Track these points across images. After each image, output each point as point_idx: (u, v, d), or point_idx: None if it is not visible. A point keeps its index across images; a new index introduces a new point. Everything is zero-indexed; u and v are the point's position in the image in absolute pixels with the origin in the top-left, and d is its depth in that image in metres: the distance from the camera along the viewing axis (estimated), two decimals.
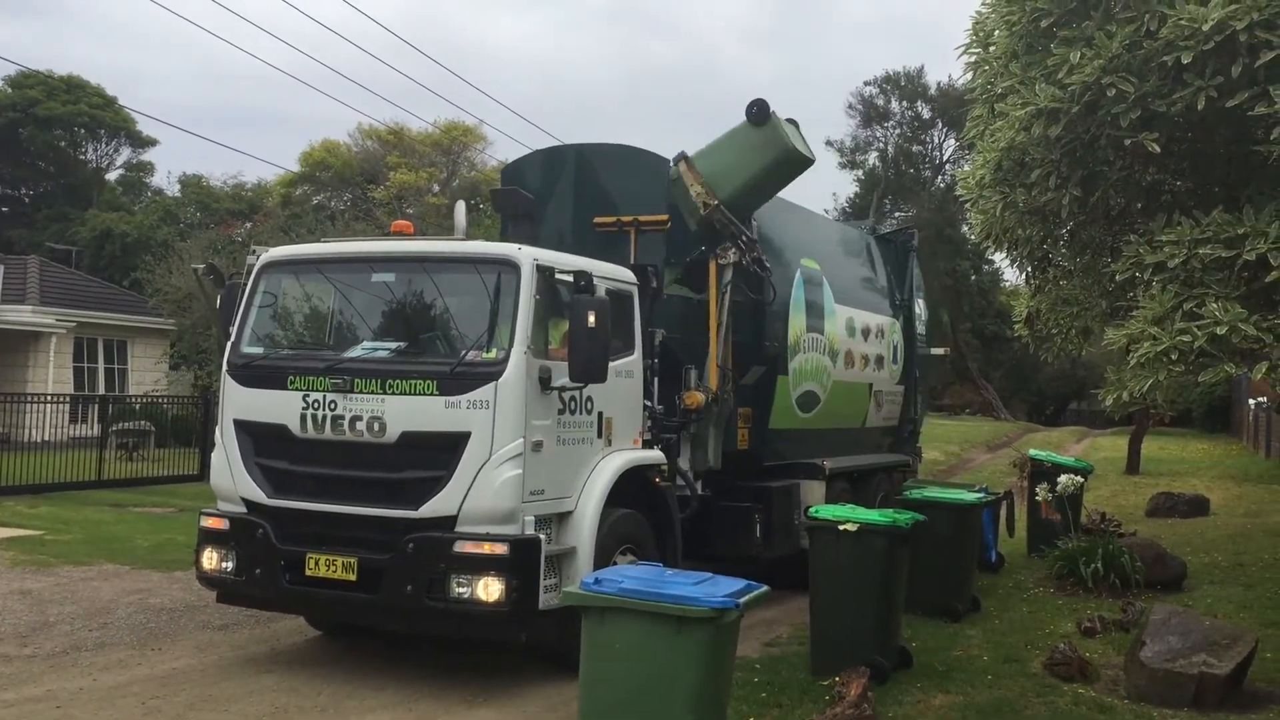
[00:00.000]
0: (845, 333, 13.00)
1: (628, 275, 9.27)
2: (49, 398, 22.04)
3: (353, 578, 7.89)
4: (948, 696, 7.91)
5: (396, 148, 42.56)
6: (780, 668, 8.59)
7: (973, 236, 12.33)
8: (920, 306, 15.71)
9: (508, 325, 7.89)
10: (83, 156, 49.10)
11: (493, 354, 7.86)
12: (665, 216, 10.19)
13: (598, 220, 10.40)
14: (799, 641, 9.40)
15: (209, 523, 8.48)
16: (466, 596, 7.60)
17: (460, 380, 7.81)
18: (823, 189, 60.69)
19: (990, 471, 25.91)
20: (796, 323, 11.75)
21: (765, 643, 9.63)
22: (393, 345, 8.39)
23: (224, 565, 8.37)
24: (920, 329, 15.52)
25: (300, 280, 8.95)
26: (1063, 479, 12.63)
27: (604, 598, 5.50)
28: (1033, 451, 15.75)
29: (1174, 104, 6.92)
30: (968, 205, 8.40)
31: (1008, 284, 57.22)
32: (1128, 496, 21.26)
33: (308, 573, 8.00)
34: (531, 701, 7.81)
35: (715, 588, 5.60)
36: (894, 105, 61.10)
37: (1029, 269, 9.29)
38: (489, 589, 7.57)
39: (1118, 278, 7.57)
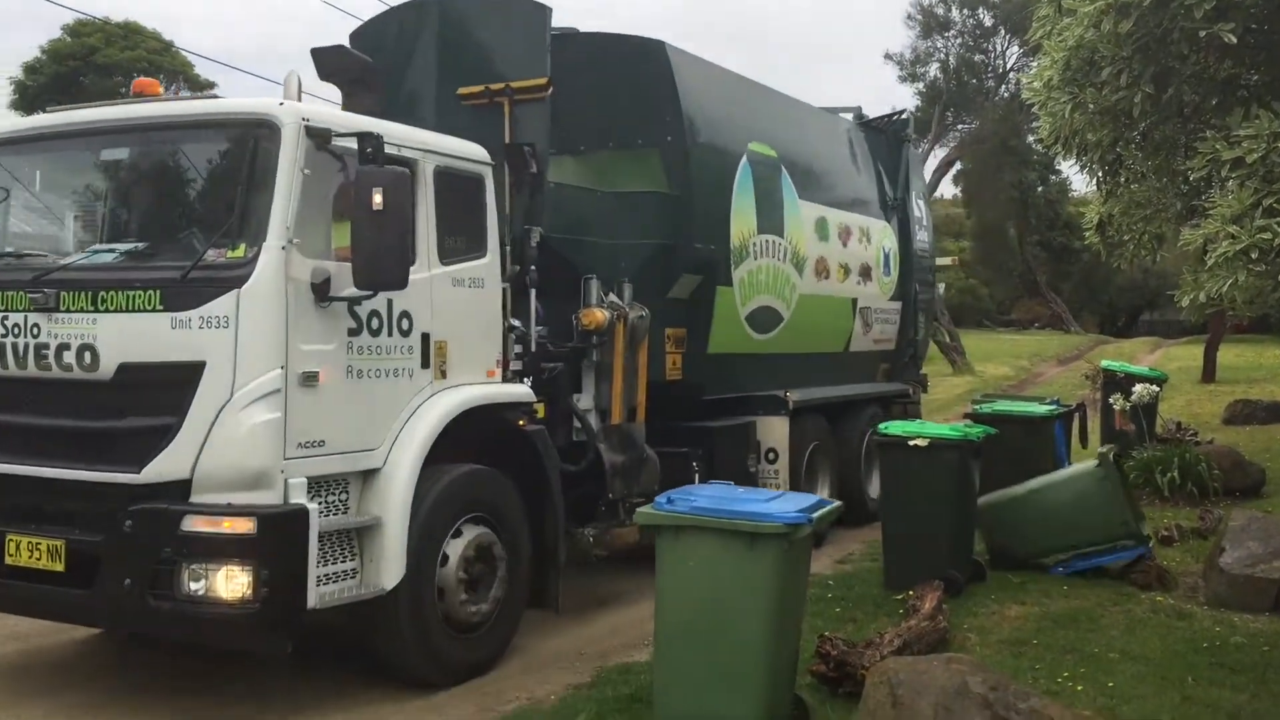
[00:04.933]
0: (815, 235, 10.82)
1: (475, 152, 7.12)
2: None
3: (60, 567, 5.89)
4: (1023, 607, 7.90)
5: None
6: (853, 583, 8.65)
7: (1038, 144, 11.93)
8: (920, 208, 13.49)
9: (261, 210, 5.81)
10: None
11: (239, 251, 5.80)
12: (545, 80, 8.03)
13: (462, 91, 8.25)
14: (871, 558, 9.45)
15: None
16: (201, 593, 5.61)
17: (193, 290, 5.76)
18: (881, 104, 59.55)
19: (1061, 384, 25.67)
20: (742, 222, 9.61)
21: (837, 560, 9.68)
22: (125, 247, 6.31)
23: None
24: (922, 236, 13.41)
25: (6, 166, 6.78)
26: (1137, 388, 12.48)
27: (676, 516, 5.50)
28: (1105, 362, 15.53)
29: None
30: (1035, 108, 8.14)
31: (1075, 193, 56.14)
32: (1204, 405, 20.92)
33: (8, 560, 6.02)
34: (599, 623, 7.92)
35: (787, 504, 5.59)
36: (954, 14, 59.53)
37: (1100, 173, 9.02)
38: (230, 582, 5.59)
39: (1193, 177, 7.32)
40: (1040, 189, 57.68)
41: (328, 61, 8.01)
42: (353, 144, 5.94)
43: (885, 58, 57.41)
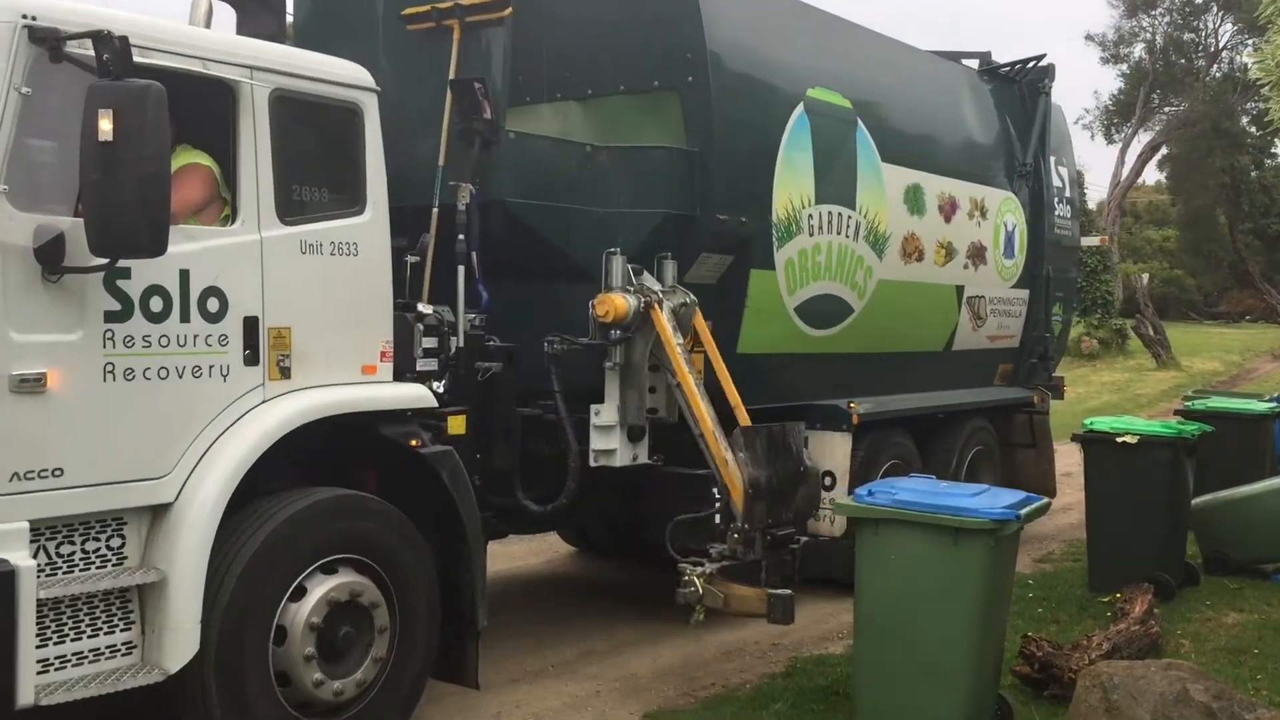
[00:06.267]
0: (904, 207, 8.56)
1: (345, 73, 5.37)
2: None
3: None
4: (1241, 614, 7.56)
5: None
6: (1055, 584, 8.45)
7: (1252, 126, 11.13)
8: (1061, 176, 10.88)
9: None
10: None
11: None
12: None
13: (407, 12, 6.70)
14: (1073, 558, 9.19)
15: None
16: None
17: None
18: (1083, 86, 57.03)
19: (1278, 381, 24.31)
20: (793, 188, 7.48)
21: (1037, 559, 9.44)
22: None
23: None
24: (1062, 209, 10.88)
25: None
26: None
27: (876, 509, 5.44)
28: None
29: None
30: (1266, 88, 7.72)
31: None
32: None
33: None
34: (800, 614, 7.88)
35: (994, 499, 5.46)
36: None
37: None
38: None
39: None
40: (1254, 174, 54.49)
41: None
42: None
43: (1086, 39, 55.18)
